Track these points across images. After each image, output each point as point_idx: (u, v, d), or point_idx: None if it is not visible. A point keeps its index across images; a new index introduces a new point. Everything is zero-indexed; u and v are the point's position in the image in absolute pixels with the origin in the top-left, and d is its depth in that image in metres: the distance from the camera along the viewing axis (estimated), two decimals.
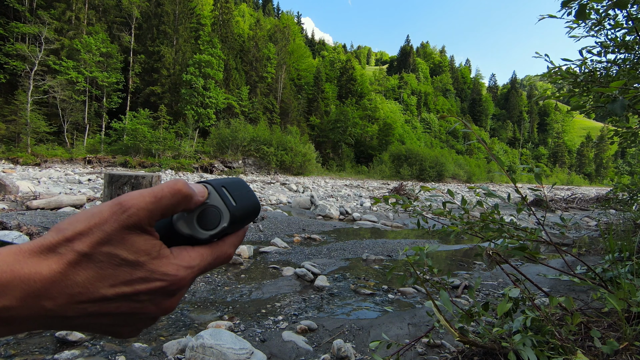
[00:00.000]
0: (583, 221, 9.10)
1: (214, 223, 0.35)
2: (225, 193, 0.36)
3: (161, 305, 0.35)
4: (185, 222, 0.35)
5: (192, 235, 0.35)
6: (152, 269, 0.33)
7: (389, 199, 1.56)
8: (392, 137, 54.35)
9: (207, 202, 0.35)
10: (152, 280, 0.33)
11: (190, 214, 0.35)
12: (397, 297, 3.19)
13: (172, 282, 0.34)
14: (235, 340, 1.90)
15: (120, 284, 0.31)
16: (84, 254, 0.30)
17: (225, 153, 34.35)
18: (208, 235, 0.35)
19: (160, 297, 0.34)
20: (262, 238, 5.52)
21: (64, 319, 0.31)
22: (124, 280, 0.32)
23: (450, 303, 1.23)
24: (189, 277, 0.35)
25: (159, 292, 0.34)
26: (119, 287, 0.32)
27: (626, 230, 3.86)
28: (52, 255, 0.30)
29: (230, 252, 0.38)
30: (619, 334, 1.19)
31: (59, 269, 0.30)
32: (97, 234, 0.30)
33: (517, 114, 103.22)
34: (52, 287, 0.29)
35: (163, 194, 0.32)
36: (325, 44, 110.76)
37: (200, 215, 0.35)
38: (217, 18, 44.39)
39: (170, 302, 0.35)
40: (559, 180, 74.67)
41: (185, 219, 0.36)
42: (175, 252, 0.35)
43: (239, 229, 0.39)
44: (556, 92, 2.43)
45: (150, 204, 0.32)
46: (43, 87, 27.52)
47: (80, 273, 0.30)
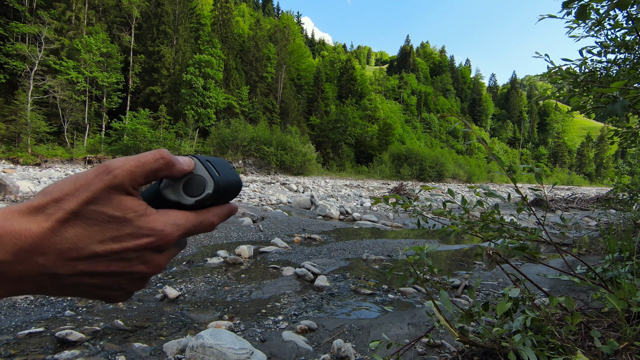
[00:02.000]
0: (583, 221, 9.10)
1: (199, 190, 0.37)
2: (209, 165, 0.38)
3: (150, 263, 0.36)
4: (172, 190, 0.38)
5: (178, 201, 0.37)
6: (139, 225, 0.33)
7: (389, 199, 1.56)
8: (392, 137, 54.34)
9: (192, 172, 0.38)
10: (140, 236, 0.34)
11: (177, 182, 0.38)
12: (397, 297, 3.19)
13: (159, 238, 0.34)
14: (235, 340, 1.90)
15: (108, 240, 0.32)
16: (72, 212, 0.31)
17: (225, 153, 34.34)
18: (193, 200, 0.37)
19: (149, 255, 0.35)
20: (262, 238, 5.52)
21: (55, 278, 0.32)
22: (112, 237, 0.33)
23: (450, 303, 1.23)
24: (175, 234, 0.36)
25: (147, 249, 0.34)
26: (108, 244, 0.32)
27: (626, 230, 3.86)
28: (41, 215, 0.31)
29: (214, 221, 0.39)
30: (619, 334, 1.19)
31: (49, 226, 0.31)
32: (84, 194, 0.32)
33: (517, 114, 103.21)
34: (43, 242, 0.30)
35: (146, 159, 0.34)
36: (325, 44, 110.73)
37: (186, 183, 0.38)
38: (217, 18, 44.38)
39: (158, 260, 0.36)
40: (559, 180, 74.62)
41: (172, 187, 0.38)
42: (162, 212, 0.36)
43: (223, 202, 0.41)
44: (556, 92, 2.43)
45: (134, 167, 0.33)
46: (43, 87, 27.51)
47: (69, 230, 0.31)
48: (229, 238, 5.37)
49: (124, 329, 2.35)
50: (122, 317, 2.52)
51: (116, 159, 0.34)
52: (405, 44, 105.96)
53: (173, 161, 0.36)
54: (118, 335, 2.25)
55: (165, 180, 0.38)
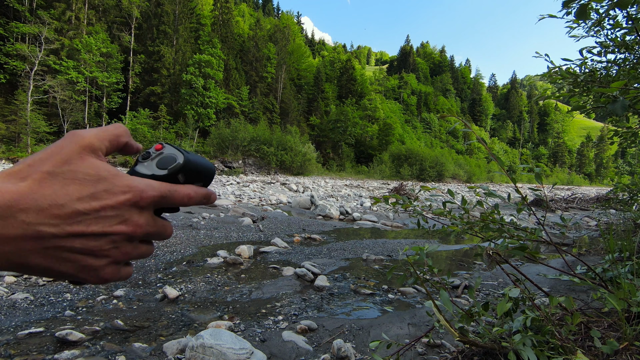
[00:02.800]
0: (583, 221, 9.10)
1: (170, 163, 0.40)
2: (178, 147, 0.42)
3: (130, 222, 0.36)
4: (145, 166, 0.40)
5: (153, 174, 0.39)
6: (115, 182, 0.35)
7: (389, 199, 1.56)
8: (392, 137, 54.33)
9: (163, 152, 0.41)
10: (117, 192, 0.34)
11: (149, 161, 0.40)
12: (397, 297, 3.19)
13: (136, 194, 0.35)
14: (235, 340, 1.89)
15: (87, 197, 0.33)
16: (47, 172, 0.32)
17: (226, 153, 34.33)
18: (166, 171, 0.39)
19: (128, 212, 0.35)
20: (262, 238, 5.52)
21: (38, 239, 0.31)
22: (89, 194, 0.33)
23: (450, 303, 1.23)
24: (150, 193, 0.36)
25: (125, 205, 0.35)
26: (87, 201, 0.33)
27: (626, 230, 3.86)
28: (16, 178, 0.32)
29: (189, 193, 0.40)
30: (619, 334, 1.19)
31: (26, 185, 0.31)
32: (57, 157, 0.33)
33: (517, 114, 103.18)
34: (22, 199, 0.31)
35: (107, 127, 0.38)
36: (325, 44, 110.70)
37: (158, 160, 0.40)
38: (217, 18, 44.37)
39: (138, 219, 0.36)
40: (559, 180, 74.60)
41: (145, 165, 0.40)
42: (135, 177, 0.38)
43: (196, 180, 0.43)
44: (556, 92, 2.43)
45: (99, 130, 0.37)
46: (43, 87, 27.50)
47: (46, 187, 0.32)
48: (229, 238, 5.37)
49: (124, 329, 2.34)
50: (122, 317, 2.52)
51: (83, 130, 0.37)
52: (405, 44, 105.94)
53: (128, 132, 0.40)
54: (118, 335, 2.25)
55: (139, 163, 0.40)
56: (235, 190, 13.99)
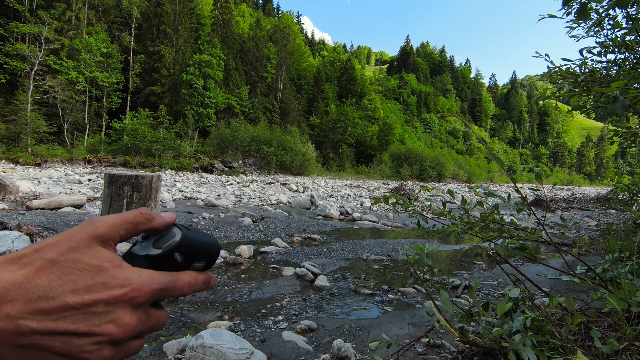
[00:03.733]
0: (583, 221, 9.10)
1: (166, 241, 0.38)
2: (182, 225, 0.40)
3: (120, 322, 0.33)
4: (141, 247, 0.39)
5: (147, 254, 0.38)
6: (114, 274, 0.33)
7: (389, 199, 1.56)
8: (392, 137, 54.35)
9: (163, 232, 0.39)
10: (114, 286, 0.33)
11: (147, 241, 0.39)
12: (397, 297, 3.19)
13: (134, 289, 0.34)
14: (235, 340, 1.90)
15: (81, 289, 0.31)
16: (50, 260, 0.31)
17: (226, 153, 34.34)
18: (160, 250, 0.37)
19: (121, 311, 0.33)
20: (262, 238, 5.52)
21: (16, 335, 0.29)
22: (85, 286, 0.32)
23: (450, 303, 1.23)
24: (150, 286, 0.35)
25: (120, 302, 0.33)
26: (80, 294, 0.31)
27: (626, 230, 3.85)
28: (17, 265, 0.31)
29: (190, 281, 0.39)
30: (619, 334, 1.19)
31: (23, 273, 0.30)
32: (65, 244, 0.32)
33: (517, 114, 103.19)
34: (12, 289, 0.29)
35: (127, 214, 0.37)
36: (325, 44, 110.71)
37: (156, 240, 0.39)
38: (217, 18, 44.38)
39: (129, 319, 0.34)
40: (559, 180, 74.60)
41: (142, 245, 0.39)
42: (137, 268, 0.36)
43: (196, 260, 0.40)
44: (556, 92, 2.43)
45: (116, 219, 0.36)
46: (43, 87, 27.51)
47: (43, 277, 0.30)
48: (229, 238, 5.37)
49: None
50: None
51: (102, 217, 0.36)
52: (405, 44, 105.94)
53: (152, 215, 0.38)
54: None
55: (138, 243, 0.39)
56: (235, 190, 14.00)
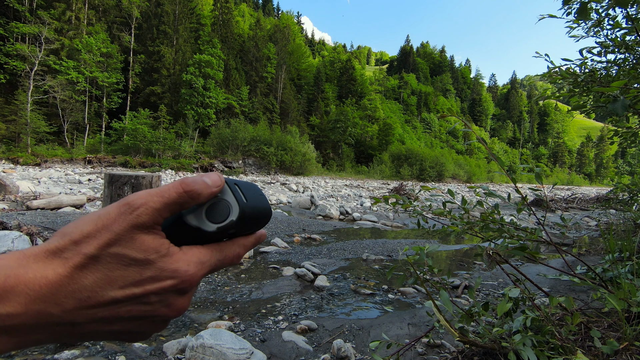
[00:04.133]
0: (583, 221, 9.10)
1: (222, 216, 0.35)
2: (237, 189, 0.36)
3: (173, 307, 0.34)
4: (194, 215, 0.35)
5: (199, 228, 0.35)
6: (162, 267, 0.32)
7: (389, 199, 1.56)
8: (392, 137, 54.34)
9: (218, 196, 0.35)
10: (163, 278, 0.32)
11: (200, 207, 0.35)
12: (397, 297, 3.19)
13: (183, 280, 0.33)
14: (235, 340, 1.89)
15: (130, 285, 0.30)
16: (92, 256, 0.29)
17: (226, 153, 34.34)
18: (215, 227, 0.34)
19: (172, 297, 0.33)
20: None
21: (72, 326, 0.30)
22: (133, 281, 0.31)
23: (450, 303, 1.23)
24: (199, 274, 0.34)
25: (170, 292, 0.33)
26: (129, 289, 0.31)
27: (626, 230, 3.85)
28: (58, 259, 0.29)
29: (239, 252, 0.38)
30: (619, 334, 1.19)
31: (66, 272, 0.29)
32: (105, 235, 0.30)
33: (517, 114, 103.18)
34: (59, 291, 0.28)
35: (170, 193, 0.32)
36: (325, 44, 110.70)
37: (209, 208, 0.35)
38: (217, 18, 44.38)
39: (181, 302, 0.34)
40: (559, 180, 74.60)
41: (195, 212, 0.35)
42: (185, 249, 0.34)
43: (249, 230, 0.38)
44: (556, 92, 2.43)
45: (159, 202, 0.31)
46: (43, 87, 27.51)
47: (88, 276, 0.29)
48: None
49: None
50: None
51: (138, 194, 0.32)
52: (405, 44, 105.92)
53: (197, 190, 0.33)
54: None
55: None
56: None
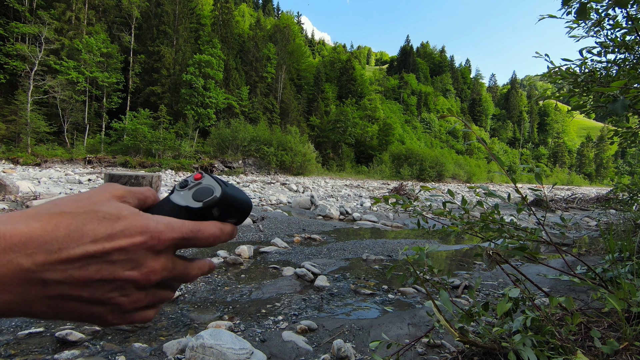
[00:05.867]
0: (583, 221, 9.10)
1: (207, 195, 0.38)
2: (218, 178, 0.40)
3: (143, 268, 0.33)
4: (180, 197, 0.39)
5: (187, 206, 0.38)
6: (133, 222, 0.33)
7: (389, 199, 1.56)
8: (392, 137, 54.33)
9: (201, 182, 0.40)
10: (133, 234, 0.33)
11: (186, 191, 0.39)
12: (397, 297, 3.19)
13: (153, 237, 0.33)
14: (235, 340, 1.89)
15: (101, 239, 0.31)
16: (69, 212, 0.31)
17: (226, 153, 34.32)
18: (201, 204, 0.38)
19: (142, 256, 0.33)
20: (262, 238, 5.51)
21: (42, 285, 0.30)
22: (105, 235, 0.31)
23: (450, 303, 1.23)
24: (168, 235, 0.34)
25: (140, 249, 0.33)
26: (100, 243, 0.31)
27: (626, 230, 3.85)
28: (34, 217, 0.30)
29: (215, 232, 0.38)
30: (619, 334, 1.19)
31: (39, 225, 0.30)
32: (85, 200, 0.33)
33: (517, 114, 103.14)
34: (30, 241, 0.29)
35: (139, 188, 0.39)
36: (325, 44, 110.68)
37: (195, 191, 0.39)
38: (217, 18, 44.37)
39: (152, 264, 0.34)
40: (559, 180, 74.57)
41: (181, 195, 0.39)
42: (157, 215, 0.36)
43: (231, 216, 0.41)
44: (556, 92, 2.43)
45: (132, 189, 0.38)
46: (43, 87, 27.50)
47: (60, 228, 0.30)
48: None
49: (123, 329, 2.34)
50: None
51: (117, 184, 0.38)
52: (405, 44, 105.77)
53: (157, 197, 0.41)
54: (118, 335, 2.25)
55: (176, 191, 0.40)
56: None
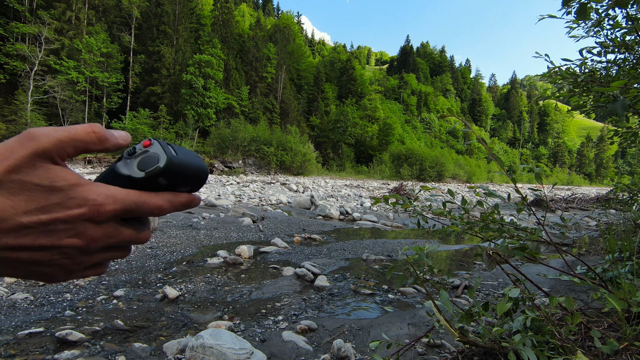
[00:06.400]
0: (583, 221, 9.10)
1: (150, 164, 0.36)
2: (168, 146, 0.38)
3: (84, 236, 0.33)
4: (125, 165, 0.36)
5: (129, 175, 0.36)
6: (70, 195, 0.31)
7: (389, 199, 1.56)
8: (392, 137, 54.35)
9: (149, 150, 0.37)
10: (71, 206, 0.31)
11: (132, 159, 0.36)
12: (397, 297, 3.19)
13: (93, 208, 0.32)
14: (235, 340, 1.89)
15: (35, 210, 0.30)
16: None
17: (226, 153, 34.33)
18: (143, 174, 0.36)
19: (82, 226, 0.32)
20: (262, 238, 5.52)
21: None
22: (39, 207, 0.30)
23: (450, 303, 1.23)
24: (110, 207, 0.33)
25: (79, 220, 0.32)
26: (35, 214, 0.30)
27: (626, 230, 3.85)
28: None
29: (162, 204, 0.36)
30: (619, 334, 1.19)
31: None
32: (4, 163, 0.29)
33: (517, 114, 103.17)
34: None
35: (77, 130, 0.33)
36: (325, 44, 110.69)
37: (140, 160, 0.36)
38: (217, 18, 44.39)
39: (93, 232, 0.33)
40: (559, 180, 74.57)
41: (127, 163, 0.37)
42: (99, 183, 0.34)
43: (180, 185, 0.39)
44: (556, 92, 2.43)
45: (63, 136, 0.32)
46: (43, 87, 27.51)
47: None
48: (229, 238, 5.37)
49: (123, 329, 2.34)
50: (122, 317, 2.52)
51: (42, 127, 0.32)
52: (405, 44, 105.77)
53: (106, 135, 0.35)
54: (118, 335, 2.25)
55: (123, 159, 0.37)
56: (235, 191, 13.99)
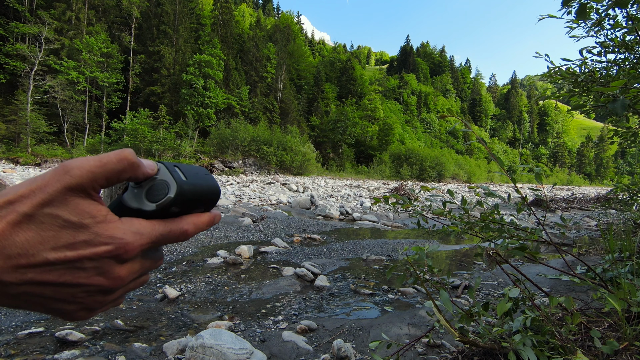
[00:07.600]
0: (583, 221, 9.10)
1: (161, 194, 0.35)
2: (176, 170, 0.36)
3: (109, 275, 0.33)
4: (133, 197, 0.35)
5: (140, 208, 0.35)
6: (97, 232, 0.31)
7: (389, 199, 1.56)
8: (392, 137, 54.34)
9: (156, 177, 0.35)
10: (97, 244, 0.31)
11: (139, 189, 0.35)
12: (397, 297, 3.19)
13: (119, 247, 0.32)
14: (235, 340, 1.89)
15: (62, 247, 0.30)
16: (25, 214, 0.29)
17: (226, 153, 34.32)
18: (154, 206, 0.34)
19: (108, 265, 0.32)
20: (262, 238, 5.52)
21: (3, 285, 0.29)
22: (66, 243, 0.30)
23: (450, 303, 1.23)
24: (137, 244, 0.33)
25: (105, 258, 0.32)
26: (62, 251, 0.30)
27: (626, 230, 3.85)
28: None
29: (187, 229, 0.37)
30: (619, 334, 1.19)
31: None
32: (39, 196, 0.30)
33: (517, 114, 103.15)
34: None
35: (109, 159, 0.32)
36: (324, 44, 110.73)
37: (148, 189, 0.35)
38: (217, 18, 44.37)
39: (119, 271, 0.33)
40: (559, 180, 74.57)
41: (135, 194, 0.35)
42: (125, 219, 0.34)
43: (195, 208, 0.38)
44: (556, 92, 2.43)
45: (95, 167, 0.31)
46: (43, 87, 27.50)
47: (20, 234, 0.29)
48: (229, 238, 5.37)
49: (124, 329, 2.34)
50: (122, 317, 2.52)
51: (76, 159, 0.32)
52: (405, 44, 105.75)
53: (138, 163, 0.34)
54: (118, 335, 2.25)
55: (130, 189, 0.36)
56: (235, 190, 13.99)
